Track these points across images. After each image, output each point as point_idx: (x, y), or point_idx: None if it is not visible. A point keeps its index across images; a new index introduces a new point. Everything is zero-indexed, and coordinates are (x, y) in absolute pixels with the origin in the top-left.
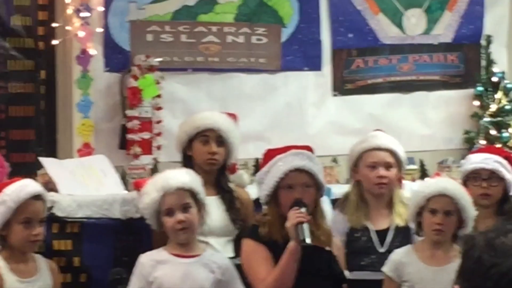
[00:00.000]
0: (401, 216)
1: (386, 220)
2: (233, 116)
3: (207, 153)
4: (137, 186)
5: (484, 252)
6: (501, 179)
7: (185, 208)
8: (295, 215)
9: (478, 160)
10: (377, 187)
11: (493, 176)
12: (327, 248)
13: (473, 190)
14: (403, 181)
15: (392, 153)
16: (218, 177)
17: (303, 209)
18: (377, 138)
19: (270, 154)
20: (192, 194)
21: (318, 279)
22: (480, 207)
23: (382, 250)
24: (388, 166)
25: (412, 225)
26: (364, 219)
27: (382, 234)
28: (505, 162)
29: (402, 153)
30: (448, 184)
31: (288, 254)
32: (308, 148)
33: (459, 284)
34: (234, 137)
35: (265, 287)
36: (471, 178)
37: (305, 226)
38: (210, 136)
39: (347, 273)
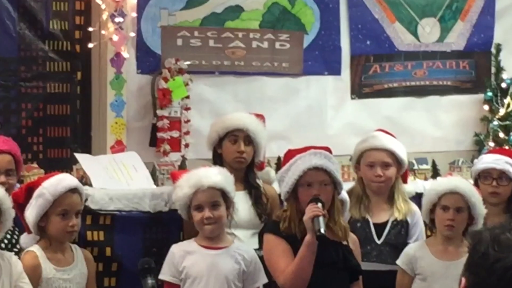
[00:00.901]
0: (400, 211)
1: (385, 214)
2: (261, 117)
3: (236, 151)
4: (174, 177)
5: (489, 247)
6: (510, 179)
7: (213, 206)
8: (311, 209)
9: (489, 160)
10: (375, 185)
11: (503, 176)
12: (344, 242)
13: (483, 188)
14: (408, 178)
15: (390, 153)
16: (247, 174)
17: (319, 205)
18: (376, 138)
19: (291, 154)
20: (223, 192)
21: (335, 271)
22: (489, 205)
23: (379, 242)
24: (385, 165)
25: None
26: (364, 211)
27: (380, 227)
28: None
29: (401, 153)
30: (459, 182)
31: (305, 246)
32: (327, 149)
33: (465, 277)
34: (261, 137)
35: (284, 278)
36: (482, 177)
37: (321, 219)
38: (239, 135)
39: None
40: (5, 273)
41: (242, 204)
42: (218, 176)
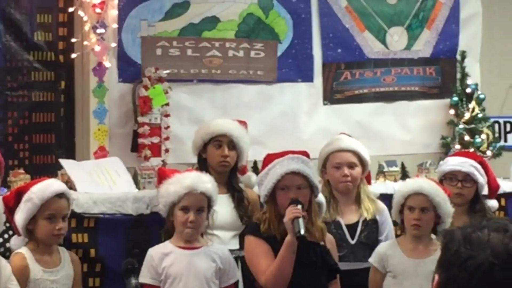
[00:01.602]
0: (368, 210)
1: (355, 215)
2: (243, 123)
3: (220, 156)
4: (161, 174)
5: (461, 245)
6: (474, 181)
7: (198, 211)
8: (291, 211)
9: (455, 163)
10: (342, 185)
11: (467, 178)
12: (322, 243)
13: (448, 189)
14: (379, 180)
15: (355, 153)
16: (230, 178)
17: (299, 206)
18: (341, 140)
19: (270, 158)
20: (209, 200)
21: (313, 270)
22: (454, 205)
23: (352, 242)
24: (351, 165)
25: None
26: (334, 213)
27: (352, 227)
28: (479, 166)
29: (365, 154)
30: (424, 183)
31: (286, 247)
32: (305, 153)
33: (438, 274)
34: (244, 142)
35: (266, 278)
36: (447, 178)
37: (301, 221)
38: (223, 141)
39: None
40: None
41: (225, 206)
42: (209, 184)
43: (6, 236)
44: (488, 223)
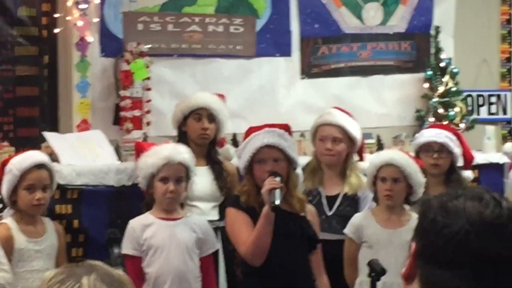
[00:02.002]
0: (352, 186)
1: (337, 188)
2: (221, 96)
3: (200, 128)
4: (138, 148)
5: (438, 214)
6: (450, 152)
7: (177, 181)
8: (269, 182)
9: (431, 134)
10: (325, 158)
11: (443, 149)
12: (302, 214)
13: (424, 160)
14: (364, 154)
15: (341, 129)
16: (209, 150)
17: (277, 179)
18: (329, 115)
19: (250, 131)
20: (187, 170)
21: (293, 240)
22: (430, 176)
23: (329, 213)
24: (335, 140)
25: (363, 194)
26: (317, 183)
27: (332, 199)
28: (454, 138)
29: (352, 130)
30: (394, 154)
31: (263, 217)
32: (285, 126)
33: (416, 241)
34: (223, 114)
35: (245, 249)
36: (423, 150)
37: (277, 192)
38: (203, 114)
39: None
40: None
41: (205, 178)
42: (186, 154)
43: None
44: (464, 192)
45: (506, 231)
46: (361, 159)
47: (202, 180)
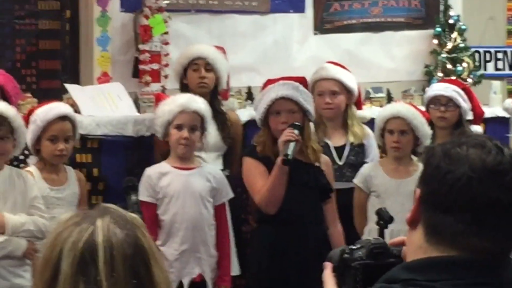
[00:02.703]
0: (356, 135)
1: (342, 138)
2: (221, 48)
3: (198, 78)
4: (158, 99)
5: (441, 160)
6: (457, 106)
7: (192, 129)
8: (286, 133)
9: (439, 88)
10: (325, 111)
11: (450, 103)
12: (316, 164)
13: (432, 113)
14: (365, 105)
15: (338, 82)
16: (212, 101)
17: (296, 131)
18: (324, 69)
19: (267, 84)
20: (202, 119)
21: (306, 190)
22: (438, 129)
23: (340, 163)
24: (333, 93)
25: (368, 142)
26: (323, 136)
27: (340, 149)
28: (462, 92)
29: (349, 81)
30: (401, 107)
31: (277, 167)
32: (302, 79)
33: (420, 188)
34: (221, 64)
35: (260, 197)
36: (432, 103)
37: (291, 145)
38: (200, 63)
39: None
40: (18, 191)
41: (209, 128)
42: (202, 104)
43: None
44: (467, 139)
45: (507, 178)
46: (360, 107)
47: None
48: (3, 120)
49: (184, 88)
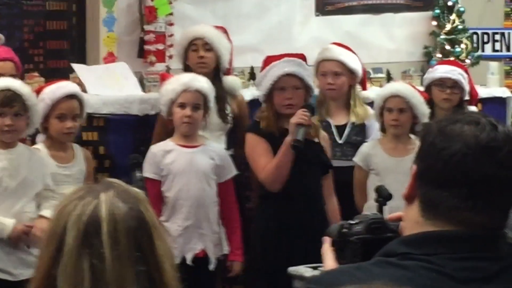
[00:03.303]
0: (358, 115)
1: (344, 117)
2: (222, 29)
3: (197, 57)
4: (163, 78)
5: (436, 137)
6: (461, 88)
7: (195, 107)
8: (300, 115)
9: (445, 70)
10: (328, 92)
11: (455, 85)
12: (316, 140)
13: (437, 94)
14: (367, 85)
15: (340, 63)
16: (214, 81)
17: (308, 114)
18: (328, 50)
19: (269, 60)
20: (205, 98)
21: (307, 166)
22: (440, 110)
23: (340, 141)
24: (336, 74)
25: (369, 123)
26: (325, 115)
27: (341, 128)
28: (466, 75)
29: (351, 63)
30: (400, 86)
31: (285, 146)
32: (301, 56)
33: (416, 164)
34: (221, 43)
35: (265, 175)
36: (437, 85)
37: (302, 130)
38: (198, 43)
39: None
40: (31, 169)
41: None
42: (205, 84)
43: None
44: (462, 117)
45: (501, 153)
46: (364, 88)
47: None
48: (17, 97)
49: (187, 69)
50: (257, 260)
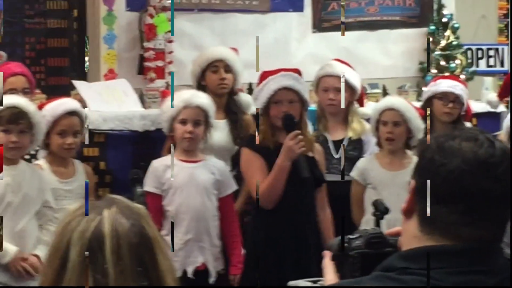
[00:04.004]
0: (355, 130)
1: (342, 133)
2: (235, 50)
3: (218, 79)
4: (164, 95)
5: (435, 153)
6: (461, 103)
7: (196, 123)
8: (296, 144)
9: (448, 85)
10: (329, 107)
11: (457, 100)
12: (310, 154)
13: (438, 108)
14: (365, 101)
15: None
16: (228, 102)
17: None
18: (330, 66)
19: (265, 75)
20: (206, 114)
21: (302, 181)
22: (440, 123)
23: (337, 156)
24: (338, 90)
25: (367, 138)
26: (323, 130)
27: (337, 143)
28: (466, 91)
29: (353, 79)
30: (395, 100)
31: (277, 167)
32: (296, 70)
33: (415, 179)
34: (238, 65)
35: (259, 193)
36: (438, 98)
37: (303, 163)
38: (219, 65)
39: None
40: (32, 186)
41: (220, 132)
42: (205, 100)
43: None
44: (460, 133)
45: (499, 169)
46: (362, 105)
47: (218, 134)
48: (23, 115)
49: (201, 89)
50: (250, 272)
